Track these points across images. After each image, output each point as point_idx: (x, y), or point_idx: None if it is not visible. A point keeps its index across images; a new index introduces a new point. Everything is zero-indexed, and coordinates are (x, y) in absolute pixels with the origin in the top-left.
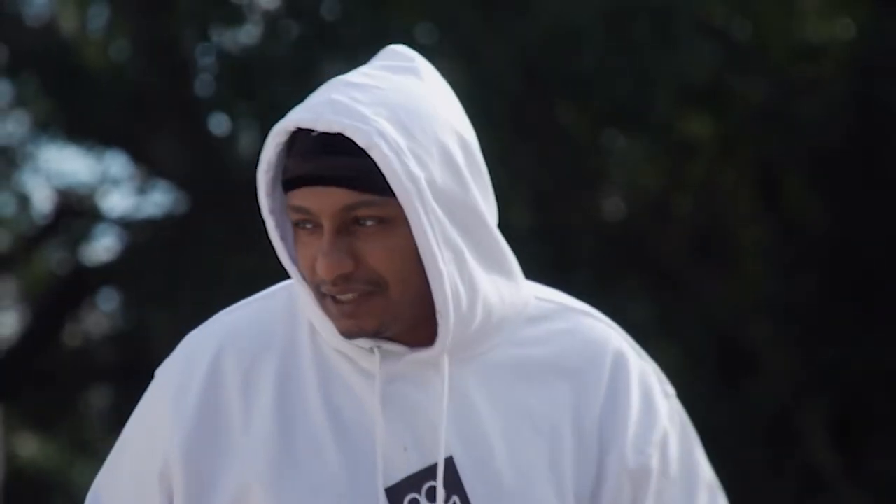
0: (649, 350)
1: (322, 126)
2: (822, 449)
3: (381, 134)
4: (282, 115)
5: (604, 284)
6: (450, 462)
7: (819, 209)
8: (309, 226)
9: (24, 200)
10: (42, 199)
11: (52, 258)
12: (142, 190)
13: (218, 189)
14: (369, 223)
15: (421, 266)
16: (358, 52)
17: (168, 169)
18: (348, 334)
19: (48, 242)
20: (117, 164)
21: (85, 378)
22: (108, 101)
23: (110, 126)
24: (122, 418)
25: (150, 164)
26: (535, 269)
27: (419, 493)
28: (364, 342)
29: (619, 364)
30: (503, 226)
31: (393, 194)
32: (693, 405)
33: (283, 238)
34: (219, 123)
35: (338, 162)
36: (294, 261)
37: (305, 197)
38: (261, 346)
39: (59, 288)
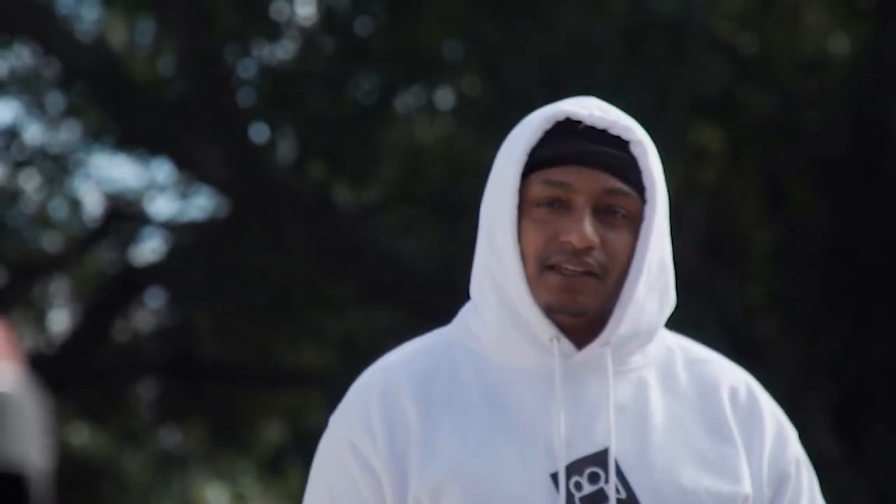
0: None
1: (591, 120)
2: (826, 437)
3: (642, 140)
4: (318, 125)
5: None
6: (608, 451)
7: (822, 213)
8: (555, 206)
9: (75, 205)
10: (93, 204)
11: (102, 259)
12: (186, 195)
13: (257, 194)
14: (619, 213)
15: (626, 269)
16: (389, 67)
17: (211, 175)
18: (560, 307)
19: (98, 244)
20: (163, 170)
21: (133, 371)
22: (154, 112)
23: (156, 135)
24: (167, 409)
25: (193, 171)
26: None
27: (582, 476)
28: (548, 330)
29: (753, 391)
30: None
31: (638, 192)
32: None
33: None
34: (259, 132)
35: (605, 150)
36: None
37: (570, 174)
38: (425, 371)
39: (109, 287)
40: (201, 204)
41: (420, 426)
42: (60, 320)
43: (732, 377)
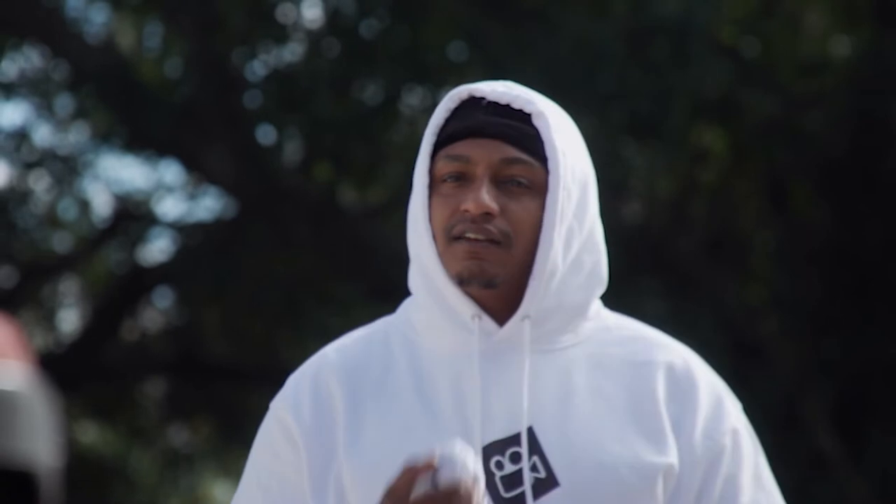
0: None
1: (494, 96)
2: (826, 435)
3: (543, 112)
4: (324, 127)
5: (623, 283)
6: (530, 430)
7: (823, 213)
8: (458, 180)
9: (85, 205)
10: (102, 205)
11: (112, 259)
12: (194, 196)
13: (264, 195)
14: (521, 182)
15: (536, 242)
16: (395, 68)
17: (218, 176)
18: (468, 275)
19: (107, 244)
20: (171, 171)
21: (141, 370)
22: (162, 114)
23: (165, 136)
24: (175, 407)
25: (201, 172)
26: None
27: (503, 456)
28: (468, 307)
29: (690, 366)
30: None
31: (542, 163)
32: None
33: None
34: (265, 134)
35: (504, 122)
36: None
37: (469, 146)
38: (358, 360)
39: (118, 286)
40: (209, 205)
41: (346, 413)
42: (70, 319)
43: (669, 353)
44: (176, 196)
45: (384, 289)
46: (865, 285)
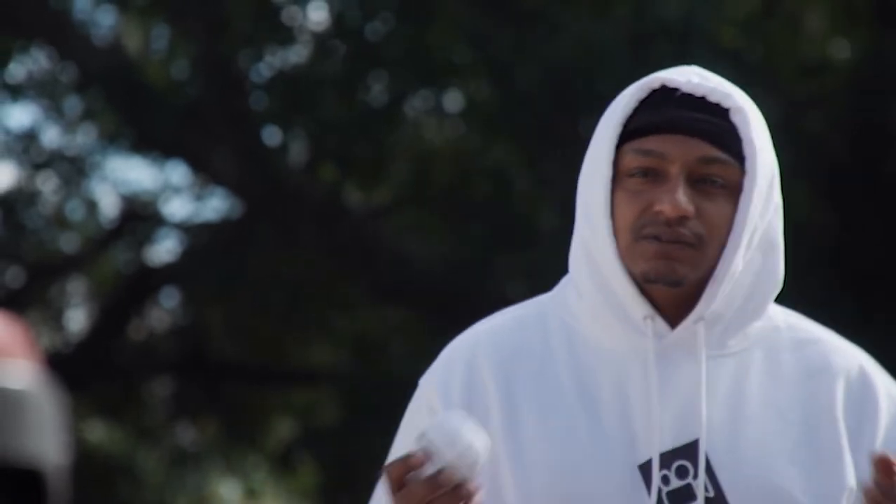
0: None
1: (688, 87)
2: None
3: (742, 107)
4: (329, 128)
5: None
6: (700, 444)
7: (824, 215)
8: (648, 176)
9: (92, 206)
10: (109, 205)
11: (119, 259)
12: (200, 197)
13: (269, 196)
14: (717, 182)
15: (725, 242)
16: (399, 70)
17: (224, 177)
18: (655, 275)
19: (115, 245)
20: (178, 172)
21: (148, 369)
22: (168, 115)
23: (171, 138)
24: (182, 407)
25: (207, 173)
26: (563, 267)
27: (669, 469)
28: (641, 308)
29: (867, 372)
30: (532, 227)
31: (738, 161)
32: None
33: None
34: (271, 135)
35: (702, 117)
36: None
37: (664, 142)
38: (513, 346)
39: (125, 286)
40: (215, 205)
41: (500, 404)
42: (77, 319)
43: (844, 359)
44: (182, 197)
45: (389, 288)
46: (867, 287)
